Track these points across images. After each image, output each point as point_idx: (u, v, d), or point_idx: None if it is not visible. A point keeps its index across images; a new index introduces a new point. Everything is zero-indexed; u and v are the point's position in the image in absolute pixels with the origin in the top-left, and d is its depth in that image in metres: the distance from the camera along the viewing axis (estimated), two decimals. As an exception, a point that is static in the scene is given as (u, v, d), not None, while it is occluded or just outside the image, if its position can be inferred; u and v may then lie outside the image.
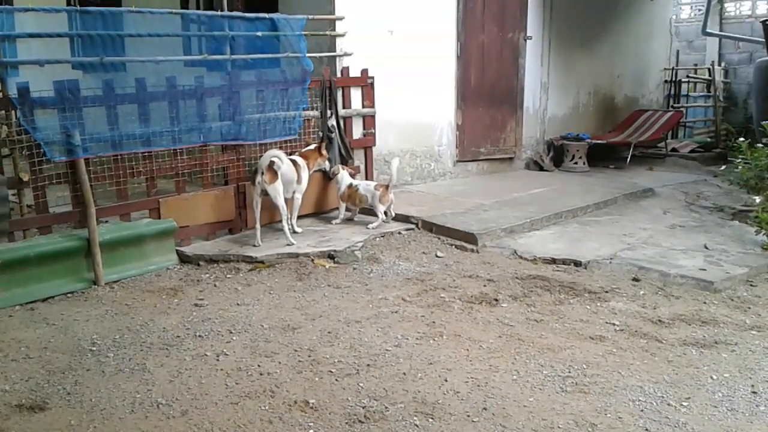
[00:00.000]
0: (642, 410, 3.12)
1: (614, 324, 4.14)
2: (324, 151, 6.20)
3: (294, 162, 5.77)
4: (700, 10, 12.94)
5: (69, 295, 4.66)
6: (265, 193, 5.50)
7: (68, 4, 8.47)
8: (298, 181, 5.80)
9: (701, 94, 12.55)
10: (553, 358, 3.65)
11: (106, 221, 5.30)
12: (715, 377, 3.45)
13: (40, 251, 4.65)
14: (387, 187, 6.15)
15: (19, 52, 4.96)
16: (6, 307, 4.38)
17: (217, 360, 3.63)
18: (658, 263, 5.20)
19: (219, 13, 5.98)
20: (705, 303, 4.52)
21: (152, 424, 3.00)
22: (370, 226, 6.11)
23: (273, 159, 5.44)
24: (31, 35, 4.92)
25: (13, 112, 4.77)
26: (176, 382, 3.39)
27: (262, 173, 5.42)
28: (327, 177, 6.44)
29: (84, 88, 5.04)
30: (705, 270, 5.04)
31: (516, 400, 3.21)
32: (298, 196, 5.86)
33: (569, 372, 3.50)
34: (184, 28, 6.03)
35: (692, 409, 3.14)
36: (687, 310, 4.37)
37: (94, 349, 3.77)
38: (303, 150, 6.14)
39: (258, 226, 5.58)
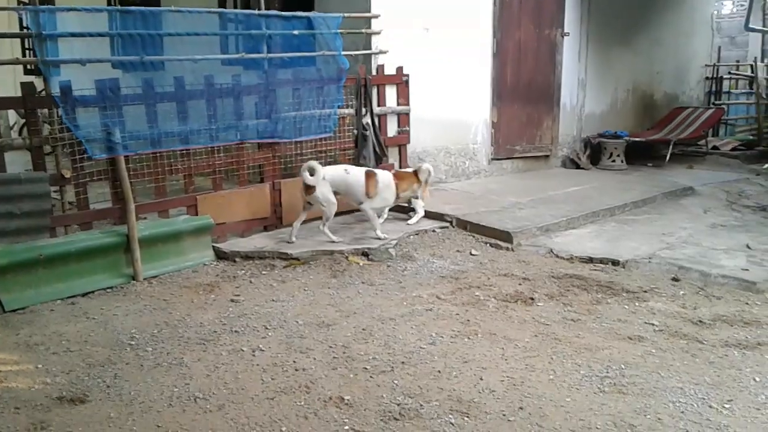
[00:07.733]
0: (682, 412, 3.06)
1: (653, 324, 4.07)
2: (421, 176, 5.92)
3: (372, 174, 5.62)
4: (742, 5, 12.67)
5: (108, 290, 4.74)
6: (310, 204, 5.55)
7: (108, 3, 8.63)
8: (368, 194, 5.59)
9: (743, 91, 12.31)
10: (591, 358, 3.60)
11: (145, 218, 5.39)
12: (758, 379, 3.37)
13: (80, 247, 4.74)
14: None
15: (61, 52, 5.06)
16: (47, 302, 4.47)
17: (253, 355, 3.66)
18: (699, 263, 5.10)
19: (256, 12, 6.01)
20: (747, 304, 4.41)
21: (190, 417, 3.03)
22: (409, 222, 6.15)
23: (304, 173, 5.37)
24: (73, 35, 5.00)
25: (55, 110, 4.87)
26: (213, 376, 3.42)
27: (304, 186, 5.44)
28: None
29: (124, 87, 5.14)
30: (747, 270, 4.93)
31: (553, 400, 3.17)
32: (366, 207, 5.65)
33: (607, 372, 3.44)
34: (222, 27, 6.09)
35: (734, 411, 3.07)
36: (728, 311, 4.27)
37: (133, 343, 3.83)
38: (400, 170, 6.15)
39: (296, 223, 5.58)
